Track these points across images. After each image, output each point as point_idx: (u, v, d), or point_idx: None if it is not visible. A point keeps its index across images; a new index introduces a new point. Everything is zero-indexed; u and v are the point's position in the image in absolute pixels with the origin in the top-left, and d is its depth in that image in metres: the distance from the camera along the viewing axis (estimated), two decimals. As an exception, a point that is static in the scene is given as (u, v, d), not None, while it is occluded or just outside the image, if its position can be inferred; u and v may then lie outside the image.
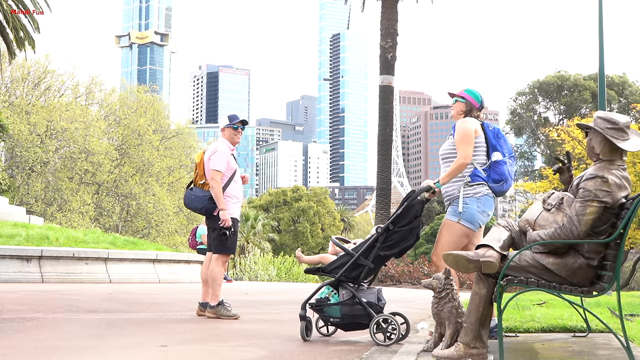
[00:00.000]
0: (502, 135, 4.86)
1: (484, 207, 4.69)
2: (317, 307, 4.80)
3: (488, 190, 4.72)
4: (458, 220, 4.68)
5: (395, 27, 22.68)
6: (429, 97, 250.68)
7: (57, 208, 33.06)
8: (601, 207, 3.58)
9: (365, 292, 4.75)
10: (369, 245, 4.69)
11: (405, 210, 4.68)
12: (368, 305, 4.61)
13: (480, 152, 4.77)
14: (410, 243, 4.74)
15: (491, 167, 4.73)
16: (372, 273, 4.82)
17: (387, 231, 4.67)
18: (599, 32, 11.96)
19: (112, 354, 4.08)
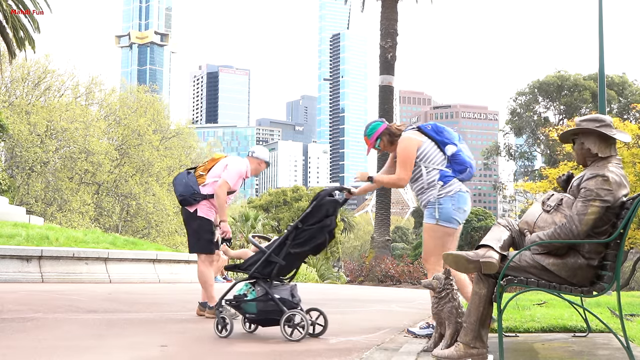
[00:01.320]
0: (441, 127, 4.94)
1: (458, 204, 4.77)
2: (235, 303, 4.92)
3: (461, 185, 4.82)
4: (437, 222, 4.75)
5: (395, 27, 22.69)
6: (429, 97, 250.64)
7: (57, 208, 33.06)
8: (603, 207, 3.58)
9: (278, 288, 4.87)
10: (280, 242, 4.84)
11: (315, 209, 4.81)
12: (280, 302, 4.73)
13: (434, 154, 4.84)
14: (320, 241, 4.86)
15: (451, 161, 4.83)
16: (286, 270, 4.96)
17: (297, 229, 4.81)
18: (599, 32, 11.96)
19: (112, 354, 4.08)
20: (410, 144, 4.83)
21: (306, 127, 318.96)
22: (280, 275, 4.97)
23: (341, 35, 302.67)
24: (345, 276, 24.58)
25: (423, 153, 4.84)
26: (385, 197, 22.25)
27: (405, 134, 4.93)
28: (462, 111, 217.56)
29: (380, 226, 21.94)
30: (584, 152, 3.82)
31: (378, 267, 18.80)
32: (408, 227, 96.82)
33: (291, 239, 4.83)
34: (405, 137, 4.89)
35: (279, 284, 4.96)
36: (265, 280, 4.88)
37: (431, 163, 4.82)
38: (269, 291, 4.78)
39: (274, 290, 4.82)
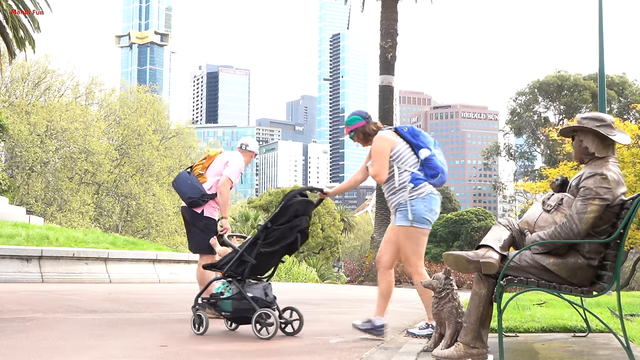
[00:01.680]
0: (418, 131, 4.98)
1: (430, 205, 4.80)
2: (211, 301, 5.05)
3: (432, 188, 4.86)
4: (411, 224, 4.77)
5: (395, 27, 22.68)
6: (429, 97, 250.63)
7: (57, 208, 33.05)
8: (603, 205, 3.59)
9: (252, 287, 4.97)
10: (251, 242, 4.95)
11: (283, 209, 4.91)
12: (253, 300, 4.84)
13: (407, 156, 4.89)
14: (290, 240, 4.98)
15: (424, 165, 4.86)
16: (260, 269, 5.08)
17: (267, 229, 4.89)
18: (599, 32, 11.95)
19: (112, 354, 4.08)
20: (384, 143, 4.89)
21: (306, 127, 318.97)
22: (254, 274, 5.07)
23: (341, 35, 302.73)
24: (345, 276, 24.59)
25: (397, 154, 4.88)
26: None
27: (381, 133, 4.98)
28: (462, 111, 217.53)
29: (380, 226, 21.93)
30: (582, 149, 3.83)
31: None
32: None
33: (262, 238, 4.90)
34: (380, 136, 4.94)
35: (253, 282, 5.04)
36: (238, 279, 4.97)
37: (404, 164, 4.86)
38: (241, 289, 4.89)
39: (247, 289, 4.92)
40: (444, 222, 60.09)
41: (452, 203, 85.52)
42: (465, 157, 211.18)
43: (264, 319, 4.76)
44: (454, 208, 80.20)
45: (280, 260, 5.26)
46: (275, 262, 5.24)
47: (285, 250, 5.09)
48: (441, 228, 59.63)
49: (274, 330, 4.71)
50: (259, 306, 4.82)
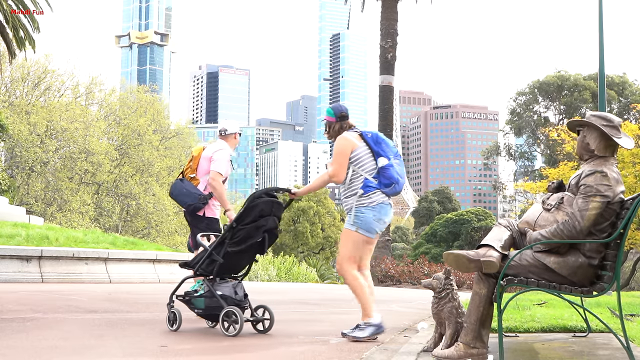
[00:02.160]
0: (382, 139, 4.97)
1: (379, 215, 4.81)
2: (185, 299, 5.18)
3: (384, 197, 4.85)
4: (356, 230, 4.81)
5: (395, 27, 22.69)
6: (429, 97, 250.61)
7: (57, 208, 33.05)
8: (604, 202, 3.60)
9: (222, 285, 5.08)
10: (219, 242, 5.05)
11: (247, 210, 5.01)
12: (222, 298, 4.96)
13: (365, 161, 4.90)
14: (257, 240, 5.08)
15: (380, 173, 4.86)
16: (229, 268, 5.17)
17: (232, 229, 4.99)
18: (599, 32, 11.95)
19: (112, 354, 4.08)
20: (346, 143, 4.91)
21: (306, 127, 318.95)
22: (224, 272, 5.18)
23: (341, 35, 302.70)
24: (345, 276, 24.55)
25: (355, 157, 4.90)
26: (385, 197, 22.25)
27: (345, 134, 5.00)
28: (462, 111, 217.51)
29: (380, 226, 21.92)
30: (584, 145, 3.84)
31: (378, 267, 18.80)
32: (408, 227, 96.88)
33: (228, 238, 5.01)
34: (342, 136, 4.98)
35: (223, 281, 5.14)
36: (209, 277, 5.09)
37: (360, 169, 4.88)
38: (211, 287, 5.02)
39: (217, 287, 5.04)
40: (444, 222, 60.07)
41: (452, 203, 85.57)
42: (465, 157, 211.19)
43: (230, 317, 4.86)
44: (454, 208, 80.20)
45: (252, 259, 5.35)
46: (246, 261, 5.32)
47: (254, 249, 5.18)
48: (441, 228, 59.61)
49: (239, 328, 4.80)
50: (227, 304, 4.93)
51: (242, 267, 5.36)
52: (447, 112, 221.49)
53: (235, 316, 4.84)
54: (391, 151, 4.94)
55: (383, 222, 4.84)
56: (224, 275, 5.19)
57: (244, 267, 5.37)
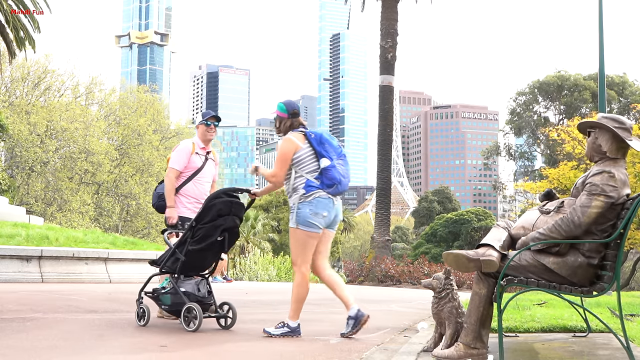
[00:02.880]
0: (326, 139, 5.01)
1: (316, 209, 4.86)
2: (153, 295, 5.35)
3: (322, 192, 4.90)
4: (297, 226, 4.90)
5: (395, 27, 22.70)
6: (429, 97, 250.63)
7: (57, 208, 33.06)
8: (607, 202, 3.60)
9: (185, 282, 5.27)
10: (181, 240, 5.24)
11: (206, 210, 5.17)
12: (185, 295, 5.14)
13: (308, 162, 4.96)
14: (216, 239, 5.21)
15: (322, 174, 4.91)
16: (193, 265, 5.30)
17: (192, 228, 5.19)
18: (599, 32, 11.95)
19: (112, 354, 4.08)
20: (289, 145, 4.97)
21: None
22: (188, 270, 5.31)
23: (341, 35, 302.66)
24: (345, 276, 24.57)
25: (298, 158, 4.96)
26: (385, 197, 22.26)
27: (290, 134, 5.06)
28: (462, 111, 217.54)
29: (380, 226, 21.94)
30: (595, 147, 3.83)
31: (378, 267, 18.80)
32: (408, 227, 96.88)
33: (189, 237, 5.19)
34: (287, 137, 5.05)
35: (187, 278, 5.31)
36: (173, 274, 5.26)
37: (302, 169, 4.95)
38: (174, 285, 5.19)
39: (180, 284, 5.22)
40: (444, 222, 60.09)
41: (452, 203, 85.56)
42: (465, 157, 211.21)
43: (190, 313, 5.03)
44: (454, 208, 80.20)
45: (217, 257, 5.50)
46: (210, 259, 5.47)
47: (216, 248, 5.32)
48: (441, 228, 59.62)
49: (198, 324, 4.97)
50: (190, 300, 5.11)
51: (207, 265, 5.49)
52: (447, 112, 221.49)
53: (195, 312, 5.00)
54: (335, 152, 5.00)
55: (321, 216, 4.87)
56: (189, 273, 5.34)
57: (208, 265, 5.51)
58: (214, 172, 6.28)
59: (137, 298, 5.42)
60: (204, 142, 6.17)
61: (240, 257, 24.28)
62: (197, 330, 4.99)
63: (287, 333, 4.85)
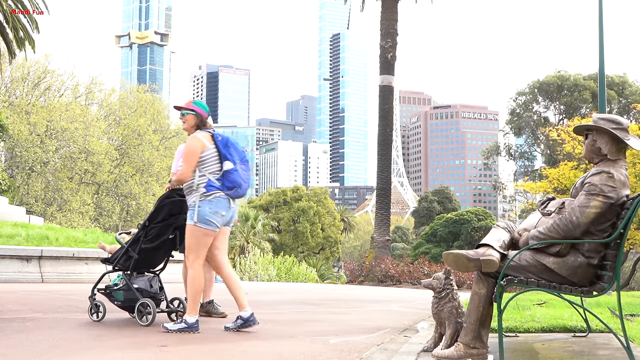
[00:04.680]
0: (232, 143, 5.19)
1: (216, 208, 5.02)
2: (106, 292, 5.61)
3: (221, 193, 5.06)
4: (194, 224, 5.03)
5: (395, 27, 22.70)
6: (429, 97, 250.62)
7: (57, 208, 33.06)
8: (606, 202, 3.59)
9: (138, 279, 5.54)
10: (135, 239, 5.51)
11: (157, 210, 5.45)
12: (138, 291, 5.41)
13: (212, 163, 5.10)
14: (168, 237, 5.50)
15: (224, 176, 5.07)
16: (145, 263, 5.58)
17: (145, 227, 5.45)
18: (599, 32, 11.95)
19: (112, 353, 4.08)
20: (196, 143, 5.10)
21: (306, 127, 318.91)
22: (141, 267, 5.59)
23: (341, 35, 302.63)
24: (345, 276, 24.57)
25: (203, 158, 5.09)
26: (385, 197, 22.25)
27: (197, 133, 5.19)
28: (462, 111, 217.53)
29: (380, 226, 21.94)
30: (594, 149, 3.82)
31: (378, 267, 18.79)
32: (408, 227, 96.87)
33: (142, 236, 5.46)
34: (195, 135, 5.17)
35: (140, 275, 5.58)
36: (126, 272, 5.53)
37: (205, 169, 5.08)
38: (128, 281, 5.46)
39: (133, 281, 5.49)
40: (444, 222, 60.07)
41: (452, 203, 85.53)
42: (465, 157, 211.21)
43: (144, 308, 5.29)
44: (454, 208, 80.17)
45: (168, 255, 5.78)
46: (161, 257, 5.75)
47: (167, 246, 5.61)
48: (441, 228, 59.61)
49: (152, 318, 5.22)
50: (143, 296, 5.37)
51: (159, 262, 5.76)
52: (447, 112, 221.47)
53: (148, 307, 5.26)
54: (239, 156, 5.15)
55: (221, 215, 5.03)
56: (141, 270, 5.61)
57: (160, 262, 5.78)
58: None
59: (90, 295, 5.62)
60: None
61: (240, 257, 24.28)
62: (150, 324, 5.20)
63: (184, 329, 4.94)
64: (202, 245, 5.06)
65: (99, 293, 5.64)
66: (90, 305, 5.61)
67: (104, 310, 5.58)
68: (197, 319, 5.02)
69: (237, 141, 5.27)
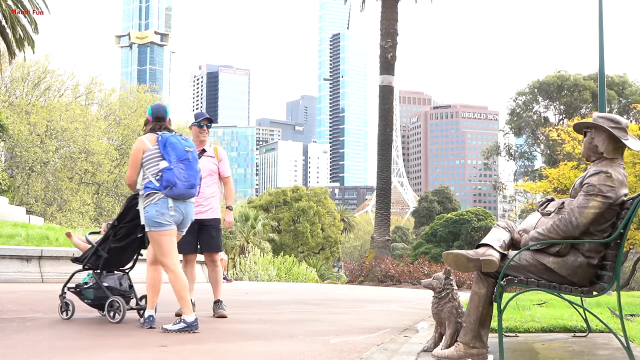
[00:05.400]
0: (170, 142, 5.13)
1: (161, 209, 5.07)
2: (76, 290, 5.79)
3: (162, 194, 5.09)
4: (149, 229, 5.14)
5: (395, 27, 22.70)
6: (429, 97, 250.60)
7: (57, 208, 33.06)
8: (605, 202, 3.59)
9: (107, 277, 5.73)
10: (104, 238, 5.68)
11: (126, 210, 5.56)
12: (108, 289, 5.59)
13: (153, 164, 5.16)
14: (136, 236, 5.65)
15: (162, 176, 5.09)
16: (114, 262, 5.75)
17: (115, 227, 5.59)
18: (599, 32, 11.96)
19: (112, 354, 4.08)
20: (138, 146, 5.21)
21: (306, 127, 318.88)
22: (110, 266, 5.76)
23: (341, 35, 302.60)
24: (345, 276, 24.58)
25: (145, 159, 5.18)
26: (385, 197, 22.25)
27: (142, 136, 5.29)
28: (462, 111, 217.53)
29: (380, 226, 21.94)
30: (592, 147, 3.84)
31: (378, 267, 18.80)
32: (408, 227, 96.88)
33: (112, 235, 5.61)
34: (139, 139, 5.28)
35: (109, 273, 5.77)
36: (96, 270, 5.70)
37: (148, 170, 5.17)
38: (97, 280, 5.65)
39: (103, 279, 5.67)
40: (444, 222, 60.07)
41: (452, 203, 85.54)
42: (465, 157, 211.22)
43: (114, 306, 5.45)
44: (454, 208, 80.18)
45: (136, 253, 5.92)
46: (130, 255, 5.91)
47: (136, 244, 5.76)
48: (441, 228, 59.61)
49: (122, 315, 5.38)
50: (113, 294, 5.54)
51: (127, 261, 5.91)
52: (447, 112, 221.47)
53: (118, 305, 5.41)
54: (176, 155, 5.10)
55: (168, 215, 5.07)
56: (110, 269, 5.78)
57: (128, 261, 5.93)
58: (211, 167, 6.28)
59: (60, 293, 5.77)
60: (197, 142, 6.25)
61: (240, 257, 24.28)
62: (120, 321, 5.34)
63: (184, 328, 4.98)
64: (165, 246, 5.10)
65: (70, 292, 5.79)
66: (60, 303, 5.74)
67: (73, 309, 5.70)
68: (195, 317, 5.03)
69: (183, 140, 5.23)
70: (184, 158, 5.12)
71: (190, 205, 5.25)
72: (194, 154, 5.21)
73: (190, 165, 5.15)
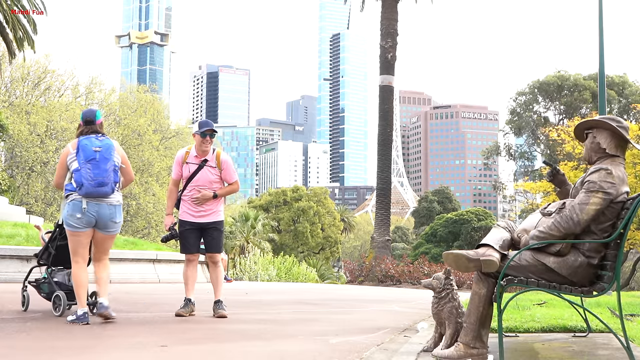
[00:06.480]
0: (82, 144, 5.39)
1: (72, 210, 5.37)
2: (36, 284, 6.22)
3: (76, 195, 5.37)
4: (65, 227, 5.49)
5: (395, 27, 22.71)
6: (429, 97, 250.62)
7: (57, 208, 33.04)
8: (605, 199, 3.60)
9: (58, 273, 6.13)
10: (52, 237, 6.05)
11: None
12: (56, 284, 5.98)
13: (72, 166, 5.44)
14: None
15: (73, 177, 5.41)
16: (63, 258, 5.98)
17: (60, 226, 5.87)
18: (599, 32, 11.96)
19: (112, 353, 4.08)
20: (63, 152, 5.54)
21: (306, 127, 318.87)
22: (60, 263, 6.09)
23: (341, 35, 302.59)
24: (345, 276, 24.60)
25: (68, 162, 5.49)
26: (385, 197, 22.26)
27: (70, 142, 5.59)
28: (462, 111, 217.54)
29: (380, 226, 21.95)
30: (594, 146, 3.85)
31: (378, 267, 18.80)
32: (408, 227, 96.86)
33: (57, 233, 5.96)
34: (73, 141, 5.54)
35: (60, 269, 6.14)
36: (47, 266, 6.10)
37: (69, 173, 5.48)
38: (48, 276, 6.06)
39: (54, 275, 6.09)
40: (444, 222, 60.05)
41: (452, 203, 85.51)
42: (465, 157, 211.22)
43: (57, 300, 5.80)
44: (454, 208, 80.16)
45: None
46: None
47: None
48: (441, 228, 59.59)
49: (62, 310, 5.73)
50: (60, 289, 5.90)
51: None
52: (447, 112, 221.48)
53: (59, 300, 5.78)
54: (85, 156, 5.34)
55: (76, 217, 5.34)
56: (60, 265, 6.12)
57: None
58: (211, 179, 6.16)
59: (22, 287, 6.27)
60: (200, 152, 6.19)
61: (240, 257, 24.28)
62: (61, 315, 5.69)
63: (73, 320, 5.28)
64: (72, 245, 5.44)
65: (31, 285, 6.23)
66: (20, 297, 6.27)
67: (28, 302, 6.20)
68: (84, 311, 5.30)
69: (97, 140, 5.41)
70: (91, 158, 5.34)
71: (104, 206, 5.42)
72: (102, 153, 5.38)
73: (97, 164, 5.36)
